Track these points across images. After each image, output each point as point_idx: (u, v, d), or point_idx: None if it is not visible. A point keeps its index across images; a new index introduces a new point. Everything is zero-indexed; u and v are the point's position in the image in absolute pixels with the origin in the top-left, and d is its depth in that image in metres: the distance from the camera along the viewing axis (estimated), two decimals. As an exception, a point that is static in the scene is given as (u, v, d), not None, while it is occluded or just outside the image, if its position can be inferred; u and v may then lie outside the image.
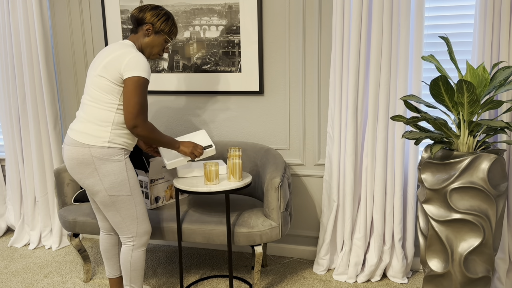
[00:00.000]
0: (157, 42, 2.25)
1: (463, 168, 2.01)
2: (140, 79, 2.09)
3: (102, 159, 2.14)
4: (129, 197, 2.23)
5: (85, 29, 3.17)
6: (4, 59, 3.21)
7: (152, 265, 3.03)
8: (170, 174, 2.72)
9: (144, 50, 2.26)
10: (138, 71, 2.09)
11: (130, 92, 2.08)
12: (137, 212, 2.26)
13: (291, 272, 2.89)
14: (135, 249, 2.31)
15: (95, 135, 2.14)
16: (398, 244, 2.70)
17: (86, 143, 2.14)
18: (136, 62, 2.10)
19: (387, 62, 2.55)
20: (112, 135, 2.15)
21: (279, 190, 2.43)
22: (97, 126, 2.15)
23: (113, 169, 2.17)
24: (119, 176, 2.18)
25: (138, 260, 2.33)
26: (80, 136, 2.16)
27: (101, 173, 2.16)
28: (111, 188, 2.18)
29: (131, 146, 2.27)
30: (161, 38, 2.25)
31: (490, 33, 2.36)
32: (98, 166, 2.15)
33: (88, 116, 2.17)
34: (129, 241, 2.30)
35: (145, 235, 2.32)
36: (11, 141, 3.32)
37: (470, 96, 1.92)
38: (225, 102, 3.01)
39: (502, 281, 2.53)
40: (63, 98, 3.31)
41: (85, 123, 2.16)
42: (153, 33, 2.24)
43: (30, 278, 2.89)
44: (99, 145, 2.14)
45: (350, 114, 2.63)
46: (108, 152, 2.15)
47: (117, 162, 2.18)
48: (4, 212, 3.56)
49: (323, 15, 2.73)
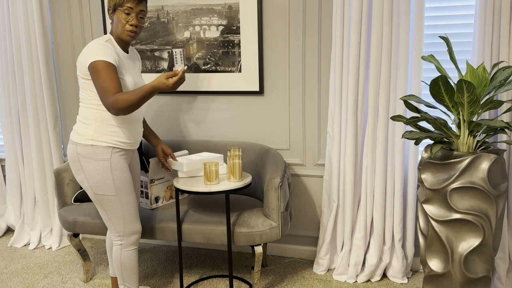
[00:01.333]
0: (118, 19, 2.16)
1: (463, 168, 2.01)
2: (94, 63, 2.06)
3: (86, 157, 2.17)
4: (114, 197, 2.22)
5: (85, 29, 3.17)
6: (4, 59, 3.21)
7: (152, 265, 3.03)
8: (170, 174, 2.72)
9: (116, 35, 2.20)
10: (92, 56, 2.08)
11: (93, 79, 2.08)
12: (123, 212, 2.25)
13: (291, 272, 2.89)
14: (123, 248, 2.31)
15: (80, 133, 2.19)
16: (398, 244, 2.71)
17: (74, 141, 2.21)
18: (89, 49, 2.11)
19: (387, 62, 2.55)
20: (95, 132, 2.17)
21: (279, 190, 2.43)
22: (82, 124, 2.20)
23: (96, 168, 2.18)
24: (103, 176, 2.18)
25: (128, 259, 2.33)
26: (72, 134, 2.24)
27: (86, 171, 2.19)
28: (95, 187, 2.20)
29: (127, 145, 2.25)
30: (120, 13, 2.16)
31: (490, 33, 2.36)
32: (83, 164, 2.18)
33: (79, 114, 2.24)
34: (117, 239, 2.31)
35: (133, 235, 2.31)
36: (11, 141, 3.32)
37: (470, 96, 1.92)
38: (225, 102, 3.01)
39: (502, 281, 2.53)
40: (63, 98, 3.31)
41: (77, 122, 2.24)
42: (113, 14, 2.19)
43: (30, 278, 2.89)
44: (83, 143, 2.17)
45: (350, 114, 2.63)
46: (92, 151, 2.17)
47: (101, 161, 2.18)
48: (4, 212, 3.56)
49: (323, 15, 2.73)
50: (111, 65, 2.08)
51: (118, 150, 2.22)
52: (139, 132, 2.32)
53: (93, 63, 2.06)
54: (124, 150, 2.26)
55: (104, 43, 2.14)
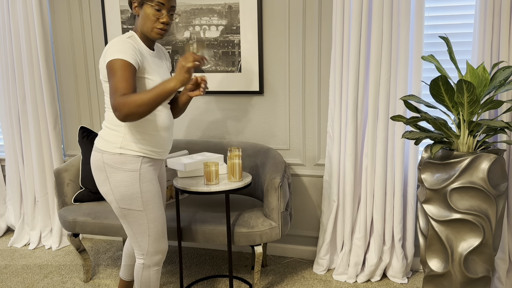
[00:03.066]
0: (147, 15, 1.94)
1: (463, 168, 2.01)
2: (111, 62, 1.83)
3: (113, 167, 1.96)
4: (141, 213, 2.01)
5: (85, 29, 3.17)
6: (4, 59, 3.20)
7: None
8: (170, 174, 2.72)
9: (143, 31, 1.99)
10: (111, 54, 1.85)
11: (108, 80, 1.85)
12: (149, 229, 2.04)
13: (291, 272, 2.89)
14: (145, 268, 2.10)
15: (108, 140, 1.98)
16: (398, 244, 2.70)
17: (100, 148, 1.99)
18: (109, 47, 1.89)
19: (387, 62, 2.55)
20: (124, 140, 1.96)
21: (279, 190, 2.43)
22: (110, 131, 1.99)
23: (123, 179, 1.97)
24: (130, 188, 1.97)
25: (148, 280, 2.11)
26: (98, 141, 2.03)
27: (112, 182, 1.98)
28: (121, 200, 1.99)
29: (158, 154, 2.05)
30: (149, 8, 1.93)
31: (490, 33, 2.36)
32: (109, 174, 1.97)
33: (105, 120, 2.03)
34: (140, 258, 2.10)
35: (157, 255, 2.09)
36: (11, 141, 3.32)
37: (470, 96, 1.92)
38: (225, 102, 3.01)
39: (502, 281, 2.53)
40: (63, 98, 3.31)
41: (103, 128, 2.03)
42: (140, 8, 1.96)
43: (30, 278, 2.89)
44: (111, 151, 1.96)
45: (350, 114, 2.63)
46: (120, 160, 1.96)
47: (129, 172, 1.96)
48: (4, 212, 3.56)
49: (323, 15, 2.73)
50: (129, 65, 1.84)
51: (148, 160, 2.02)
52: (170, 140, 2.12)
53: (110, 62, 1.83)
54: (153, 160, 2.05)
55: (126, 40, 1.90)
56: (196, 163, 2.44)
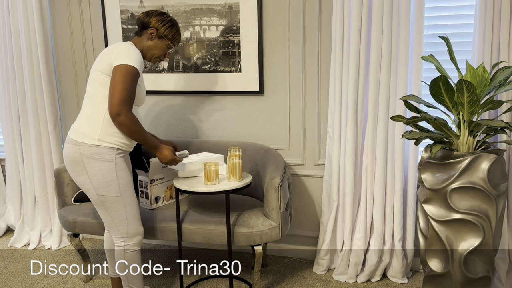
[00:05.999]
0: (159, 46, 2.28)
1: (463, 168, 2.01)
2: (129, 67, 2.08)
3: (91, 157, 2.14)
4: (119, 198, 2.21)
5: (85, 29, 3.17)
6: (4, 59, 3.20)
7: (152, 265, 3.02)
8: (170, 174, 2.72)
9: (145, 52, 2.29)
10: (127, 59, 2.09)
11: (118, 79, 2.06)
12: (127, 213, 2.24)
13: (291, 272, 2.89)
14: (127, 249, 2.29)
15: (85, 133, 2.15)
16: (398, 244, 2.70)
17: (77, 141, 2.16)
18: (126, 51, 2.11)
19: (387, 62, 2.55)
20: (102, 133, 2.14)
21: (279, 190, 2.43)
22: (88, 124, 2.16)
23: (101, 168, 2.15)
24: (108, 176, 2.16)
25: (131, 260, 2.31)
26: (74, 134, 2.19)
27: (89, 172, 2.15)
28: (99, 188, 2.17)
29: (128, 146, 2.26)
30: (164, 43, 2.28)
31: (490, 33, 2.36)
32: (87, 164, 2.15)
33: (82, 113, 2.20)
34: (120, 241, 2.29)
35: (136, 236, 2.30)
36: (11, 141, 3.32)
37: (470, 96, 1.92)
38: (225, 102, 3.01)
39: (502, 281, 2.53)
40: (63, 98, 3.31)
41: (80, 121, 2.20)
42: (156, 38, 2.27)
43: (30, 278, 2.89)
44: (89, 143, 2.14)
45: (350, 114, 2.63)
46: (97, 151, 2.14)
47: (106, 162, 2.16)
48: (4, 212, 3.56)
49: (323, 15, 2.73)
50: (138, 75, 2.13)
51: (121, 151, 2.22)
52: None
53: (127, 66, 2.07)
54: (124, 151, 2.26)
55: (137, 50, 2.18)
56: (196, 163, 2.44)
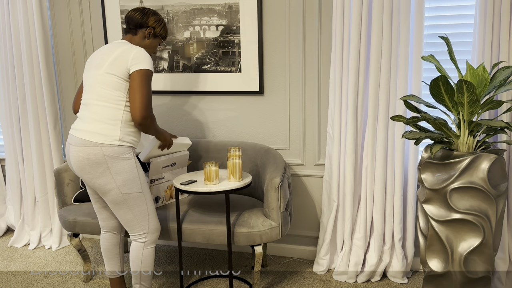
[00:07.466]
0: (154, 44, 2.41)
1: (463, 168, 2.01)
2: (147, 71, 2.18)
3: (114, 157, 2.17)
4: (140, 194, 2.27)
5: (85, 29, 3.17)
6: (4, 59, 3.20)
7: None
8: (170, 174, 2.72)
9: None
10: (144, 64, 2.18)
11: (139, 84, 2.15)
12: (148, 208, 2.31)
13: (291, 272, 2.89)
14: (146, 245, 2.34)
15: (106, 134, 2.17)
16: (398, 244, 2.70)
17: (97, 142, 2.16)
18: (142, 55, 2.20)
19: (387, 62, 2.55)
20: (121, 133, 2.19)
21: (279, 190, 2.43)
22: (107, 125, 2.18)
23: (124, 167, 2.20)
24: (131, 174, 2.22)
25: (148, 257, 2.36)
26: (91, 136, 2.17)
27: (113, 172, 2.18)
28: (123, 186, 2.21)
29: (137, 144, 2.32)
30: (157, 41, 2.42)
31: (490, 33, 2.36)
32: (110, 164, 2.17)
33: (96, 115, 2.19)
34: (141, 237, 2.33)
35: (156, 232, 2.37)
36: (11, 141, 3.32)
37: (470, 96, 1.92)
38: (225, 102, 3.01)
39: (502, 281, 2.53)
40: (63, 98, 3.31)
41: (94, 123, 2.19)
42: (152, 37, 2.38)
43: (30, 278, 2.89)
44: (111, 143, 2.16)
45: (350, 114, 2.63)
46: (119, 151, 2.18)
47: (128, 160, 2.21)
48: (4, 212, 3.56)
49: (323, 15, 2.73)
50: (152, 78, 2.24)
51: (133, 149, 2.29)
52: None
53: (145, 71, 2.17)
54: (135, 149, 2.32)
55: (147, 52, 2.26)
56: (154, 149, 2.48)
